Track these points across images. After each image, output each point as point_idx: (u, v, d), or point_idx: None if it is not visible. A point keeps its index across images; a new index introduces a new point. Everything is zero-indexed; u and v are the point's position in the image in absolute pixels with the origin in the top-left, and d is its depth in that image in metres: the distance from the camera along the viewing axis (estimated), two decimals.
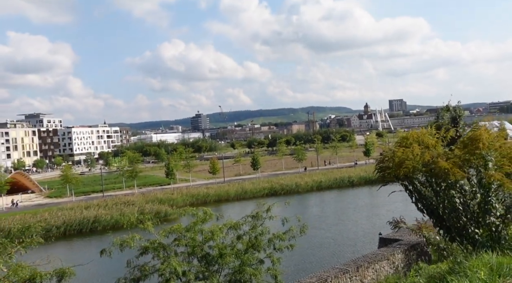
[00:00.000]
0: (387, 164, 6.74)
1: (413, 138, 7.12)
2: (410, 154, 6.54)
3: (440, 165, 6.25)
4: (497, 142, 6.73)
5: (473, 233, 6.41)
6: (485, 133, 6.66)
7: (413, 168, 6.48)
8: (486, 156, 6.64)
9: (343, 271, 18.05)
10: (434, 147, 6.99)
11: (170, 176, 74.99)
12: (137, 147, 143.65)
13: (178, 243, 16.22)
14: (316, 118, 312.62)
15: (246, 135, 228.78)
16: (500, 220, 6.47)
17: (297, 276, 24.03)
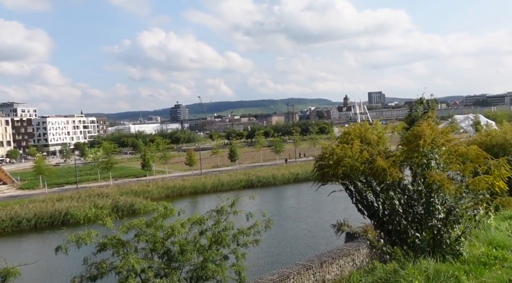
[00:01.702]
0: (326, 162, 6.34)
1: (355, 133, 6.72)
2: (349, 151, 6.15)
3: (378, 164, 5.86)
4: (441, 138, 6.36)
5: (413, 237, 6.06)
6: (427, 128, 6.29)
7: (351, 166, 6.08)
8: (428, 154, 6.27)
9: (307, 267, 17.83)
10: (377, 143, 6.59)
11: (146, 168, 73.95)
12: (114, 137, 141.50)
13: (138, 239, 15.70)
14: (296, 109, 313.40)
15: (225, 126, 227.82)
16: (442, 223, 6.14)
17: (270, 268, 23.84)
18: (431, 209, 6.18)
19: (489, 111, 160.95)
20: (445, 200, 6.12)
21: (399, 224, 6.19)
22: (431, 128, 6.48)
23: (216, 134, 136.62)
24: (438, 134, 6.47)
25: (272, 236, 34.50)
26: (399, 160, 6.30)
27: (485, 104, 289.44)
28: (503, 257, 6.26)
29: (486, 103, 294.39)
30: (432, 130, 6.44)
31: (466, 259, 6.14)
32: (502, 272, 5.76)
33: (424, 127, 6.33)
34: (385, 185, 6.21)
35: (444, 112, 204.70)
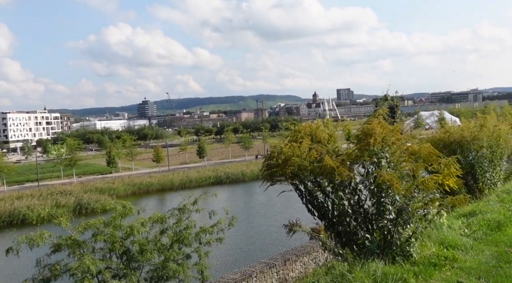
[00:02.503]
0: (275, 162, 6.08)
1: (305, 132, 6.49)
2: (297, 150, 5.91)
3: (326, 163, 5.65)
4: (392, 137, 6.19)
5: (363, 238, 5.88)
6: (378, 126, 6.11)
7: (299, 166, 5.85)
8: (378, 152, 6.10)
9: (270, 265, 17.67)
10: (327, 141, 6.38)
11: (112, 165, 72.44)
12: (79, 134, 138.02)
13: (95, 239, 15.19)
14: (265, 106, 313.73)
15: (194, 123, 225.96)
16: (392, 224, 5.98)
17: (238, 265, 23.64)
18: (381, 209, 6.02)
19: (453, 108, 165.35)
20: (395, 200, 5.95)
21: (349, 225, 6.00)
22: (382, 126, 6.31)
23: (185, 131, 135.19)
24: (389, 133, 6.30)
25: (242, 232, 34.40)
26: (348, 159, 6.10)
27: (449, 100, 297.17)
28: (453, 257, 6.18)
29: (450, 100, 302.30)
30: (382, 128, 6.26)
31: (416, 260, 6.02)
32: (452, 273, 5.68)
33: (375, 125, 6.14)
34: (334, 185, 6.01)
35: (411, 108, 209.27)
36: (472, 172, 14.54)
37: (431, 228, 7.10)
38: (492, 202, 9.31)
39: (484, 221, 7.92)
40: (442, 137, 14.71)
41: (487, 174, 14.48)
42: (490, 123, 14.72)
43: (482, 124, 14.72)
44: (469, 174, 14.62)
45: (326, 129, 6.80)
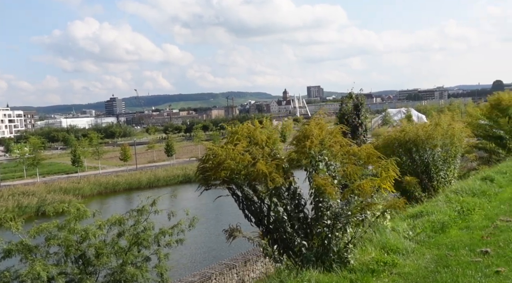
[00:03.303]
0: (209, 165, 5.83)
1: (243, 133, 6.24)
2: (231, 153, 5.67)
3: (258, 168, 5.43)
4: (332, 139, 6.02)
5: (299, 245, 5.71)
6: (316, 128, 5.93)
7: (232, 170, 5.61)
8: (316, 155, 5.92)
9: (230, 267, 17.50)
10: (265, 144, 6.16)
11: (77, 164, 70.68)
12: (44, 132, 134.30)
13: (48, 243, 14.66)
14: (236, 103, 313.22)
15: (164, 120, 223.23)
16: (329, 230, 5.83)
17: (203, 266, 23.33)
18: (319, 215, 5.85)
19: (420, 105, 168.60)
20: (330, 205, 5.79)
21: (285, 232, 5.81)
22: (320, 128, 6.13)
23: (153, 128, 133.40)
24: (328, 134, 6.13)
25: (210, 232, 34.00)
26: (283, 163, 5.90)
27: (416, 98, 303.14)
28: (393, 263, 6.09)
29: (417, 97, 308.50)
30: (321, 130, 6.08)
31: (354, 267, 5.89)
32: (389, 280, 5.56)
33: (312, 126, 5.95)
34: (267, 191, 5.80)
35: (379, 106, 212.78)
36: (427, 171, 14.69)
37: (373, 232, 7.01)
38: (440, 202, 9.31)
39: (428, 223, 7.86)
40: (397, 136, 14.79)
41: (442, 172, 14.64)
42: (444, 121, 14.87)
43: (437, 123, 14.87)
44: (424, 173, 14.77)
45: (265, 130, 6.55)
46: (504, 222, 7.84)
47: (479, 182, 10.80)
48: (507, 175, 11.81)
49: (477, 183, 10.73)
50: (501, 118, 19.85)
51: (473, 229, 7.62)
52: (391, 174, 5.99)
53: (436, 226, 7.73)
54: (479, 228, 7.66)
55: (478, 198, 9.57)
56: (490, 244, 6.75)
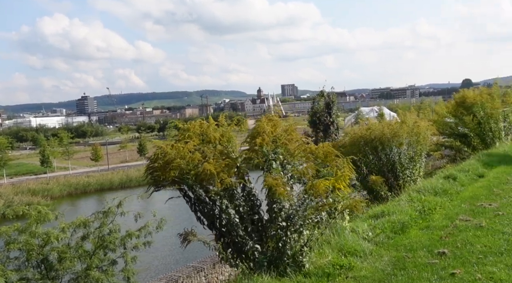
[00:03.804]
0: (158, 164, 5.54)
1: (194, 130, 5.96)
2: (182, 151, 5.39)
3: (205, 168, 5.17)
4: (285, 137, 5.80)
5: (252, 249, 5.48)
6: (268, 125, 5.69)
7: (182, 170, 5.34)
8: (269, 154, 5.70)
9: (198, 269, 17.19)
10: (219, 142, 5.90)
11: (46, 164, 68.98)
12: (12, 132, 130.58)
13: (8, 248, 14.09)
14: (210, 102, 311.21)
15: (137, 119, 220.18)
16: (283, 233, 5.63)
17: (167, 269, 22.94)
18: (273, 216, 5.64)
19: (392, 103, 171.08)
20: (283, 206, 5.58)
21: (237, 235, 5.57)
22: (274, 125, 5.91)
23: (126, 128, 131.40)
24: (283, 132, 5.91)
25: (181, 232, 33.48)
26: (235, 163, 5.65)
27: (389, 96, 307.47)
28: (350, 266, 5.94)
29: (390, 96, 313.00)
30: (274, 127, 5.86)
31: (309, 271, 5.71)
32: None
33: (264, 123, 5.72)
34: (216, 192, 5.55)
35: (352, 104, 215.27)
36: (393, 169, 14.69)
37: (331, 234, 6.87)
38: (403, 202, 9.24)
39: (389, 223, 7.74)
40: (363, 134, 14.73)
41: (407, 171, 14.66)
42: (410, 119, 14.90)
43: (403, 121, 14.89)
44: (390, 172, 14.78)
45: (220, 128, 6.28)
46: (463, 221, 7.81)
47: (441, 181, 10.81)
48: (469, 174, 11.88)
49: (439, 182, 10.73)
50: (466, 116, 20.09)
51: (433, 229, 7.55)
52: (346, 173, 5.83)
53: (396, 227, 7.63)
54: (438, 228, 7.60)
55: (440, 197, 9.54)
56: (448, 244, 6.68)
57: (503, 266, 5.73)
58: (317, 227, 5.89)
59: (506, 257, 6.02)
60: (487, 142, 20.02)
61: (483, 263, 5.87)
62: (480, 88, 22.17)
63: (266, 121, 5.84)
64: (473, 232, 7.16)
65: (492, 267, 5.69)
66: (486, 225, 7.44)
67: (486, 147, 19.05)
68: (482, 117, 19.97)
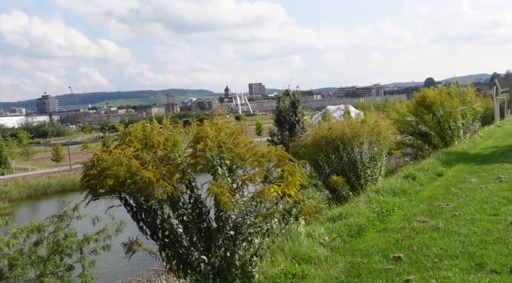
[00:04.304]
0: (93, 172, 5.11)
1: (136, 134, 5.54)
2: (119, 158, 4.97)
3: (143, 175, 4.77)
4: (234, 140, 5.47)
5: (198, 260, 5.13)
6: (212, 129, 5.33)
7: (118, 178, 4.92)
8: (214, 159, 5.35)
9: (158, 273, 16.72)
10: (163, 146, 5.51)
11: (4, 165, 66.58)
12: None
13: None
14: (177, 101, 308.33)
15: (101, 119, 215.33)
16: (231, 242, 5.30)
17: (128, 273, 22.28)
18: (221, 225, 5.30)
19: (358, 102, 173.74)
20: (229, 215, 5.24)
21: (181, 246, 5.21)
22: (219, 129, 5.55)
23: (89, 127, 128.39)
24: (229, 136, 5.57)
25: None
26: (177, 169, 5.27)
27: (355, 95, 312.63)
28: (303, 274, 5.67)
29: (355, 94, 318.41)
30: (219, 131, 5.51)
31: (259, 282, 5.43)
32: None
33: (207, 127, 5.36)
34: (158, 201, 5.16)
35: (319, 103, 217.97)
36: (354, 169, 14.63)
37: (285, 240, 6.59)
38: (361, 203, 9.05)
39: (345, 226, 7.51)
40: (325, 134, 14.60)
41: (368, 170, 14.63)
42: (370, 119, 14.87)
43: (363, 120, 14.85)
44: (351, 171, 14.71)
45: (165, 131, 5.87)
46: (420, 223, 7.67)
47: (400, 181, 10.71)
48: (428, 173, 11.85)
49: (399, 181, 10.62)
50: (426, 115, 20.33)
51: (390, 232, 7.37)
52: (297, 179, 5.54)
53: (353, 230, 7.40)
54: (396, 230, 7.42)
55: (399, 198, 9.41)
56: (404, 248, 6.50)
57: (458, 270, 5.58)
58: (267, 235, 5.58)
59: (461, 260, 5.89)
60: (446, 140, 20.33)
61: (438, 267, 5.72)
62: (440, 87, 22.49)
63: (209, 125, 5.46)
64: (429, 234, 7.02)
65: (447, 272, 5.54)
66: (442, 227, 7.32)
67: (445, 146, 19.31)
68: (441, 115, 20.26)
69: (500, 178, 10.50)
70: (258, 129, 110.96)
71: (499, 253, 5.96)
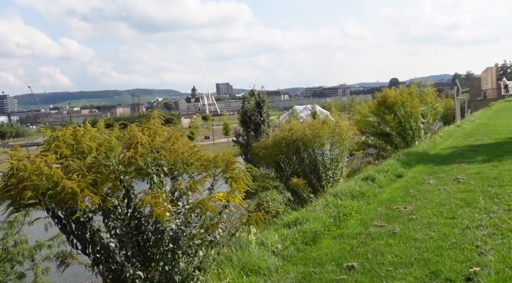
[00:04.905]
0: (13, 181, 4.55)
1: (65, 139, 5.01)
2: (41, 166, 4.45)
3: (65, 185, 4.27)
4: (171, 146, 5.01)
5: (133, 276, 4.66)
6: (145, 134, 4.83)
7: (37, 188, 4.40)
8: (148, 167, 4.89)
9: None
10: (96, 152, 5.00)
11: None
12: None
13: None
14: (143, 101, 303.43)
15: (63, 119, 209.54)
16: (171, 256, 4.86)
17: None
18: (158, 238, 4.86)
19: (325, 102, 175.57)
20: (164, 228, 4.80)
21: (114, 261, 4.73)
22: (154, 133, 5.09)
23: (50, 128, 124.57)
24: (166, 141, 5.10)
25: None
26: (107, 177, 4.78)
27: (321, 95, 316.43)
28: None
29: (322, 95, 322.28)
30: (154, 135, 5.05)
31: None
32: None
33: (137, 132, 4.88)
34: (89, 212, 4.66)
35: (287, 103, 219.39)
36: (316, 171, 14.42)
37: (235, 250, 6.20)
38: (319, 207, 8.77)
39: (300, 233, 7.19)
40: (285, 135, 14.34)
41: (330, 172, 14.46)
42: (331, 119, 14.70)
43: (324, 121, 14.65)
44: (312, 173, 14.49)
45: (101, 135, 5.38)
46: (377, 227, 7.43)
47: (359, 183, 10.48)
48: (388, 174, 11.69)
49: (357, 184, 10.40)
50: (387, 115, 20.39)
51: (346, 238, 7.09)
52: (241, 186, 5.16)
53: (308, 237, 7.07)
54: (351, 236, 7.15)
55: (357, 201, 9.16)
56: (359, 256, 6.22)
57: (412, 279, 5.33)
58: (211, 247, 5.16)
59: (416, 268, 5.65)
60: (407, 140, 20.43)
61: (392, 276, 5.45)
62: (401, 87, 22.65)
63: (141, 129, 4.98)
64: (385, 240, 6.77)
65: (401, 281, 5.28)
66: (399, 231, 7.09)
67: (407, 146, 19.39)
68: (402, 116, 20.35)
69: (458, 179, 10.43)
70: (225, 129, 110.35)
71: (454, 259, 5.75)
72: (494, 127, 20.98)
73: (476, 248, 6.07)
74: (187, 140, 5.41)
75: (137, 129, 4.96)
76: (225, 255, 6.03)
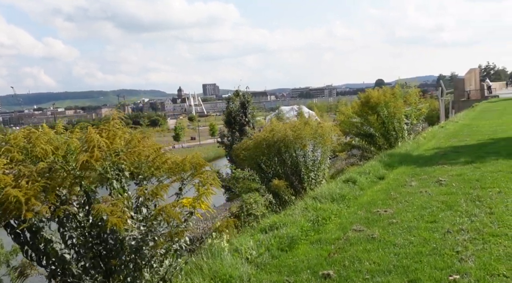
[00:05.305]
0: None
1: (18, 142, 4.65)
2: None
3: (8, 194, 3.94)
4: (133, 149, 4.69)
5: None
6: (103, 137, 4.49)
7: None
8: (108, 172, 4.58)
9: None
10: (53, 156, 4.65)
11: None
12: None
13: None
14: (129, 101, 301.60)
15: (47, 120, 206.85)
16: (132, 267, 4.55)
17: None
18: (119, 248, 4.54)
19: (311, 102, 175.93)
20: (123, 237, 4.49)
21: (70, 274, 4.41)
22: (114, 135, 4.76)
23: None
24: (128, 143, 4.79)
25: None
26: (59, 183, 4.44)
27: (308, 96, 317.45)
28: None
29: (309, 95, 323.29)
30: (113, 137, 4.72)
31: None
32: None
33: (94, 135, 4.55)
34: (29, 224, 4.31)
35: (273, 103, 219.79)
36: (297, 172, 14.18)
37: (206, 257, 5.91)
38: (297, 211, 8.51)
39: (276, 238, 6.93)
40: (266, 136, 14.06)
41: (312, 173, 14.23)
42: (312, 121, 14.46)
43: (306, 122, 14.42)
44: (294, 175, 14.24)
45: (60, 138, 5.03)
46: (356, 232, 7.19)
47: (340, 185, 10.24)
48: (370, 176, 11.48)
49: (338, 186, 10.15)
50: (370, 116, 20.26)
51: (324, 243, 6.82)
52: (209, 191, 4.88)
53: (284, 242, 6.79)
54: (329, 241, 6.89)
55: (337, 204, 8.92)
56: (336, 263, 5.96)
57: None
58: (176, 256, 4.87)
59: (394, 275, 5.41)
60: (391, 141, 20.33)
61: None
62: (384, 88, 22.53)
63: (98, 131, 4.65)
64: (364, 245, 6.53)
65: None
66: (378, 236, 6.86)
67: (390, 147, 19.26)
68: (386, 116, 20.24)
69: (440, 181, 10.25)
70: (211, 130, 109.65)
71: (434, 266, 5.53)
72: (477, 128, 20.96)
73: (457, 254, 5.85)
74: (153, 142, 5.10)
75: (94, 131, 4.64)
76: (195, 264, 5.73)
